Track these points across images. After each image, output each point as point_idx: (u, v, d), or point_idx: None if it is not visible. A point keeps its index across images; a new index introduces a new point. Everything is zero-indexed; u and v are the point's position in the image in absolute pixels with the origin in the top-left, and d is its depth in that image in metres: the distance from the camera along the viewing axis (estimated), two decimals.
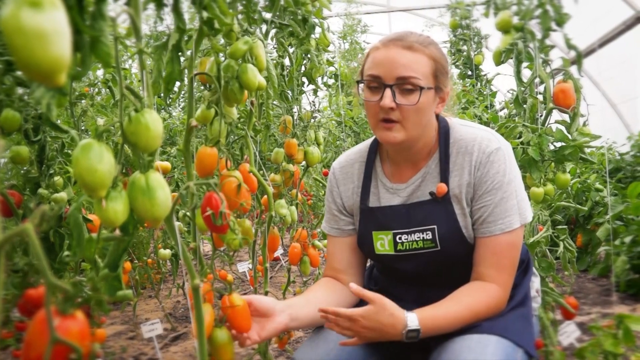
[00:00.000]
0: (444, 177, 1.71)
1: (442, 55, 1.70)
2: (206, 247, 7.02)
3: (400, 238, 1.76)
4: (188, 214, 1.59)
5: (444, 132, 1.76)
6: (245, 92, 1.84)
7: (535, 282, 1.99)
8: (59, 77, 0.74)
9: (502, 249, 1.66)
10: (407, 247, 1.75)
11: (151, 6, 1.33)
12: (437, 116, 1.80)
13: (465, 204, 1.70)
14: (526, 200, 1.74)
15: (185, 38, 1.59)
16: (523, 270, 1.85)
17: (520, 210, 1.69)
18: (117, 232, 1.20)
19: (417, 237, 1.73)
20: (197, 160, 1.72)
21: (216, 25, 1.47)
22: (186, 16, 1.49)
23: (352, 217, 1.90)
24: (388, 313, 1.51)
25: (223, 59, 1.77)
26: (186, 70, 1.56)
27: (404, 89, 1.62)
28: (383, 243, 1.79)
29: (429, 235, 1.71)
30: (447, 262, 1.74)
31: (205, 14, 1.44)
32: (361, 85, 1.73)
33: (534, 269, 2.01)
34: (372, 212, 1.82)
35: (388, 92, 1.62)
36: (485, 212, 1.67)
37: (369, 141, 1.93)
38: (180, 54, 1.41)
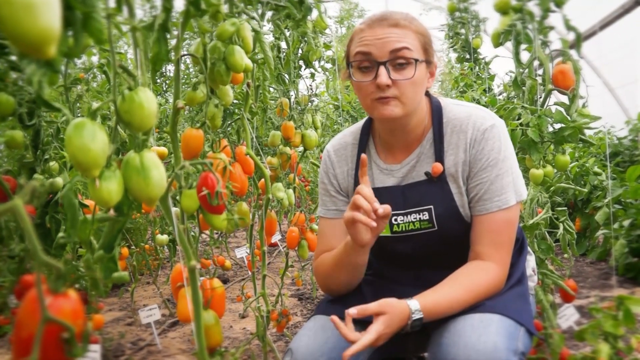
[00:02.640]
0: (439, 156, 1.70)
1: (426, 29, 1.69)
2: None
3: (396, 220, 1.74)
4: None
5: (436, 111, 1.74)
6: (242, 74, 1.82)
7: (530, 261, 1.98)
8: (48, 48, 0.73)
9: (499, 226, 1.65)
10: (404, 229, 1.73)
11: None
12: (429, 95, 1.79)
13: (461, 182, 1.69)
14: (521, 177, 1.74)
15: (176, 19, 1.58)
16: (518, 249, 1.84)
17: (515, 187, 1.68)
18: (112, 212, 1.18)
19: (414, 218, 1.72)
20: (182, 142, 1.71)
21: (203, 5, 1.45)
22: (178, 3, 1.47)
23: (348, 198, 1.88)
24: (398, 312, 1.50)
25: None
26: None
27: (398, 64, 1.61)
28: None
29: (426, 216, 1.70)
30: (444, 243, 1.73)
31: None
32: (351, 69, 1.70)
33: (529, 248, 2.00)
34: None
35: (382, 69, 1.60)
36: (481, 189, 1.66)
37: (361, 122, 1.90)
38: (167, 34, 1.38)
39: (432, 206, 1.70)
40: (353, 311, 1.49)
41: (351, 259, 1.70)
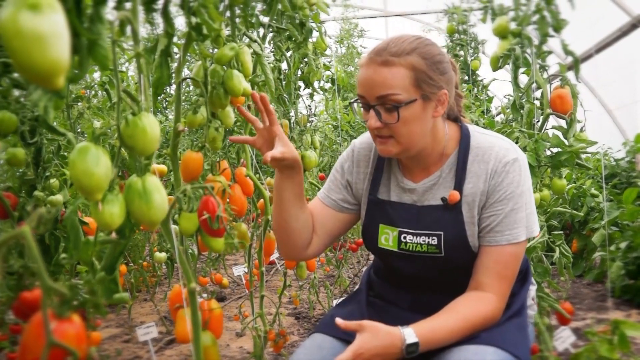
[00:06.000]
0: (459, 184, 1.69)
1: (425, 60, 1.61)
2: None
3: (405, 237, 1.74)
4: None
5: (465, 139, 1.73)
6: (242, 97, 1.84)
7: (532, 291, 1.97)
8: (57, 79, 0.74)
9: (506, 259, 1.65)
10: (411, 248, 1.73)
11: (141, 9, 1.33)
12: (460, 122, 1.78)
13: (476, 212, 1.68)
14: (535, 214, 1.72)
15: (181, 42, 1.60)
16: (521, 279, 1.83)
17: (527, 224, 1.67)
18: (114, 235, 1.19)
19: (423, 241, 1.71)
20: (182, 165, 1.72)
21: (204, 30, 1.47)
22: (179, 21, 1.50)
23: (354, 199, 1.89)
24: (384, 332, 1.50)
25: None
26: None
27: (386, 107, 1.59)
28: (387, 238, 1.77)
29: (435, 241, 1.69)
30: (448, 269, 1.73)
31: (194, 20, 1.43)
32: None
33: (532, 278, 1.99)
34: (382, 204, 1.80)
35: (372, 112, 1.61)
36: (494, 221, 1.65)
37: None
38: (169, 58, 1.40)
39: (442, 233, 1.69)
40: (340, 321, 1.53)
41: (275, 186, 1.81)
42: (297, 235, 1.83)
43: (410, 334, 1.51)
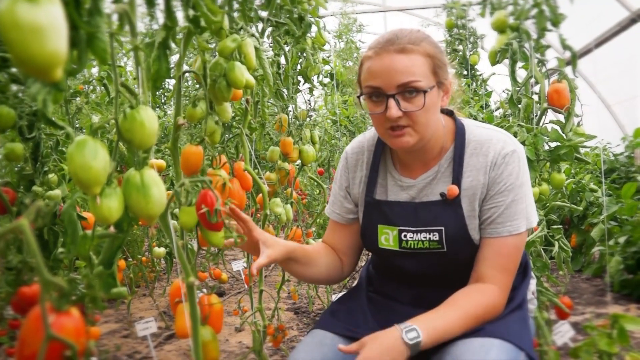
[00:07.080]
0: (457, 178, 1.68)
1: (436, 49, 1.63)
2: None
3: (405, 236, 1.73)
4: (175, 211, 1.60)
5: (460, 133, 1.72)
6: (240, 90, 1.84)
7: (532, 284, 1.96)
8: (55, 72, 0.74)
9: (507, 251, 1.65)
10: (412, 246, 1.72)
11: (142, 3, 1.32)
12: (454, 116, 1.78)
13: (477, 204, 1.67)
14: (533, 205, 1.72)
15: (180, 36, 1.59)
16: (522, 272, 1.83)
17: (527, 215, 1.67)
18: (112, 229, 1.19)
19: (424, 237, 1.70)
20: (182, 159, 1.71)
21: (202, 23, 1.46)
22: (180, 15, 1.49)
23: (355, 206, 1.89)
24: (382, 334, 1.50)
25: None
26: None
27: (407, 94, 1.57)
28: (387, 238, 1.77)
29: (436, 237, 1.69)
30: (450, 264, 1.72)
31: (192, 12, 1.42)
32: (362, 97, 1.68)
33: (532, 272, 1.99)
34: (379, 205, 1.79)
35: (392, 102, 1.57)
36: (495, 212, 1.65)
37: None
38: (167, 51, 1.40)
39: (443, 228, 1.68)
40: (342, 347, 1.53)
41: (283, 266, 1.86)
42: (327, 277, 1.91)
43: (407, 325, 1.50)
